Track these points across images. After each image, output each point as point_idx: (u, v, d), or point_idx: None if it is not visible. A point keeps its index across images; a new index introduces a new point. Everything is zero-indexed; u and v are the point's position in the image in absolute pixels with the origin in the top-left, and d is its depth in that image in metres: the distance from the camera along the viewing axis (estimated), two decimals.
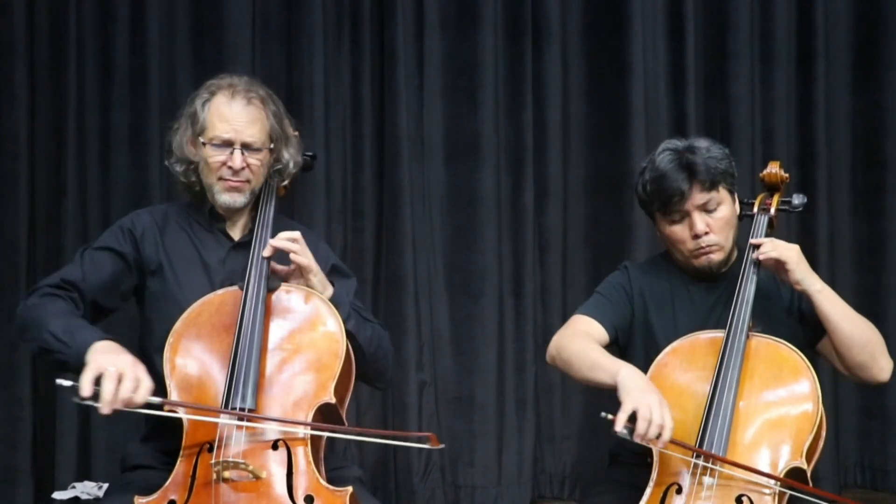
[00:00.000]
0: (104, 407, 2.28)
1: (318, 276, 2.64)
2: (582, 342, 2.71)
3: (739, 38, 4.23)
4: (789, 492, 2.49)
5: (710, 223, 2.72)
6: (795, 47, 4.25)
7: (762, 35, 4.25)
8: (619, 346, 2.86)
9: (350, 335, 2.61)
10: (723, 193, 2.74)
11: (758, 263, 2.68)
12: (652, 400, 2.44)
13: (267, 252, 2.62)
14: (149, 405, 2.35)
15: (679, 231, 2.75)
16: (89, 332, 2.45)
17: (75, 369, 2.36)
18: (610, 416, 2.43)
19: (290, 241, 2.62)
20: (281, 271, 2.65)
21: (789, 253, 2.65)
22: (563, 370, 2.77)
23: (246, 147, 2.69)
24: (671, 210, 2.73)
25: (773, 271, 2.72)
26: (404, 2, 4.19)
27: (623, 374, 2.53)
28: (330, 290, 2.67)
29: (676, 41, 4.23)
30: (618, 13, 4.21)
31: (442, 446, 2.48)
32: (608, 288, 2.88)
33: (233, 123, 2.68)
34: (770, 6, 4.24)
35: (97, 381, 2.29)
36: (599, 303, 2.84)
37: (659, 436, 2.42)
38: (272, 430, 2.43)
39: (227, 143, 2.68)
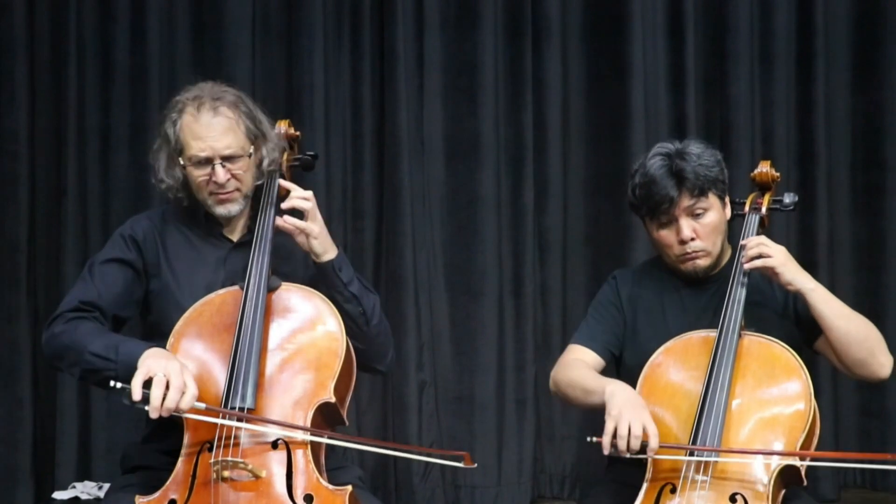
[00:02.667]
0: (152, 411, 2.33)
1: (318, 240, 2.64)
2: (573, 371, 2.75)
3: (739, 38, 4.21)
4: (784, 490, 2.50)
5: (697, 229, 2.71)
6: (795, 47, 4.24)
7: (762, 35, 4.23)
8: (617, 360, 2.89)
9: (355, 298, 2.65)
10: (712, 199, 2.72)
11: (747, 272, 2.67)
12: (629, 415, 2.46)
13: (288, 204, 2.65)
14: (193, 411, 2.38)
15: (666, 235, 2.74)
16: (131, 344, 2.49)
17: (124, 382, 2.38)
18: (596, 439, 2.48)
19: (304, 200, 2.64)
20: (285, 227, 2.65)
21: (774, 259, 2.63)
22: (564, 402, 2.82)
23: (226, 160, 2.65)
24: (659, 215, 2.73)
25: (764, 275, 2.71)
26: (404, 2, 4.18)
27: (608, 392, 2.55)
28: (333, 252, 2.67)
29: (676, 41, 4.22)
30: (618, 13, 4.21)
31: (474, 465, 2.47)
32: (597, 308, 2.90)
33: (207, 140, 2.63)
34: (770, 6, 4.22)
35: (147, 385, 2.34)
36: (589, 327, 2.87)
37: (646, 445, 2.44)
38: (272, 430, 2.43)
39: (207, 161, 2.65)
